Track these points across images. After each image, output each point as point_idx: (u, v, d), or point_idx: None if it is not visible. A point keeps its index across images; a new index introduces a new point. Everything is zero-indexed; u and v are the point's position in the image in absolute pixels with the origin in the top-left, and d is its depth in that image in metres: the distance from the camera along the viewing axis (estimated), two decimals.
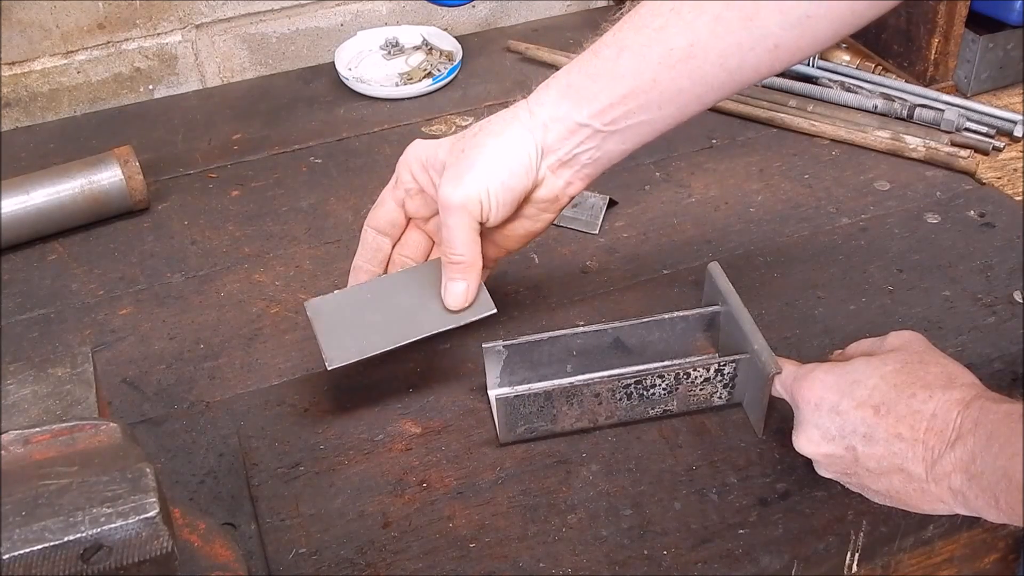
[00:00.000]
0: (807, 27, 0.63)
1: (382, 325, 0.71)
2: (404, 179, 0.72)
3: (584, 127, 0.67)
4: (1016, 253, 0.88)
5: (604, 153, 0.69)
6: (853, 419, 0.61)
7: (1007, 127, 1.06)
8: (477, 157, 0.67)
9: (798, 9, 0.62)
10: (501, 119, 0.68)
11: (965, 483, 0.56)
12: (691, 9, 0.64)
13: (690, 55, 0.64)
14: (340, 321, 0.72)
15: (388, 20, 1.26)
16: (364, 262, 0.75)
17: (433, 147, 0.71)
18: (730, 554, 0.65)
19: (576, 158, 0.69)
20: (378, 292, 0.73)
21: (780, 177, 1.00)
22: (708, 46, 0.64)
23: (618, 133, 0.67)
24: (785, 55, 0.64)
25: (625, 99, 0.66)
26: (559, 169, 0.69)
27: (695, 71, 0.65)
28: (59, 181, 0.93)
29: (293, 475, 0.71)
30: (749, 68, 0.65)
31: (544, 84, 0.69)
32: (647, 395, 0.72)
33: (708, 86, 0.66)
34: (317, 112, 1.14)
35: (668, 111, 0.67)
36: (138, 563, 0.45)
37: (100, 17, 1.12)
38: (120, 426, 0.50)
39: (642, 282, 0.87)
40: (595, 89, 0.66)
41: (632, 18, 0.66)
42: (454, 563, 0.65)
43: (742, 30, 0.63)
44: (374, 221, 0.75)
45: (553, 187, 0.70)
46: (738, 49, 0.64)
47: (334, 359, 0.70)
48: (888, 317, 0.82)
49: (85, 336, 0.84)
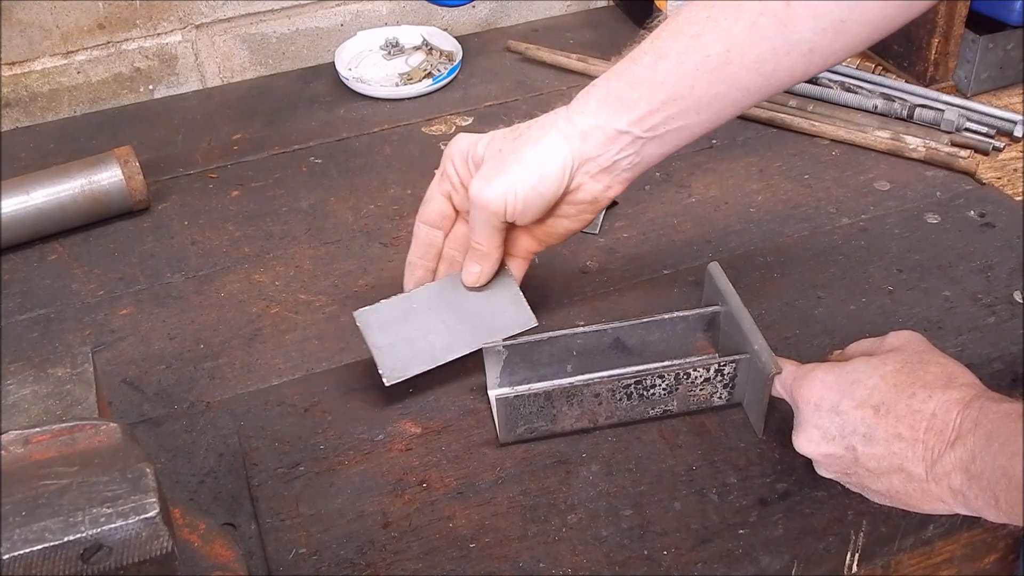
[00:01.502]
0: (841, 31, 0.64)
1: (432, 337, 0.75)
2: (448, 172, 0.75)
3: (624, 134, 0.69)
4: (1016, 253, 0.88)
5: (643, 158, 0.70)
6: (853, 419, 0.61)
7: (1007, 127, 1.06)
8: (511, 162, 0.69)
9: (832, 14, 0.64)
10: (540, 126, 0.71)
11: (965, 483, 0.56)
12: (727, 16, 0.65)
13: (727, 61, 0.66)
14: (391, 333, 0.74)
15: (388, 20, 1.26)
16: (418, 258, 0.78)
17: (474, 140, 0.73)
18: (730, 554, 0.65)
19: (616, 164, 0.70)
20: (424, 301, 0.76)
21: (780, 177, 1.00)
22: (744, 52, 0.65)
23: (657, 139, 0.69)
24: (819, 59, 0.66)
25: (664, 105, 0.68)
26: (598, 174, 0.71)
27: (731, 76, 0.66)
28: (59, 181, 0.93)
29: (293, 475, 0.71)
30: (784, 72, 0.67)
31: (584, 92, 0.71)
32: (647, 395, 0.72)
33: (744, 90, 0.67)
34: (317, 112, 1.14)
35: (705, 116, 0.69)
36: (138, 563, 0.45)
37: (100, 17, 1.12)
38: (120, 426, 0.50)
39: (642, 282, 0.87)
40: (634, 97, 0.68)
41: (669, 26, 0.68)
42: (454, 563, 0.65)
43: (777, 36, 0.65)
44: (424, 216, 0.77)
45: (592, 191, 0.71)
46: (773, 54, 0.65)
47: (391, 376, 0.73)
48: (888, 317, 0.82)
49: (85, 336, 0.84)
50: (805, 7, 0.64)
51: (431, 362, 0.74)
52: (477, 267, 0.74)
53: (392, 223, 0.96)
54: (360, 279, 0.89)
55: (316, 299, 0.87)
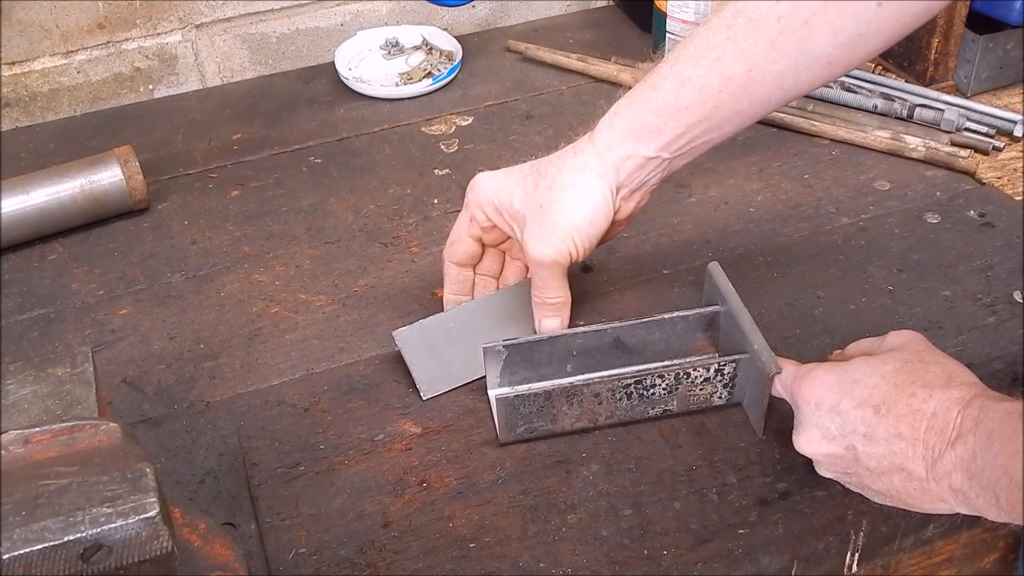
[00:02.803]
0: (859, 44, 0.66)
1: (468, 354, 0.76)
2: (479, 218, 0.76)
3: (652, 159, 0.71)
4: (1016, 253, 0.88)
5: (670, 171, 0.74)
6: (853, 419, 0.61)
7: (1007, 127, 1.06)
8: (559, 214, 0.71)
9: (849, 29, 0.65)
10: (571, 169, 0.72)
11: (965, 482, 0.56)
12: (746, 37, 0.67)
13: (749, 80, 0.67)
14: (428, 350, 0.77)
15: (388, 20, 1.26)
16: (454, 294, 0.80)
17: (506, 192, 0.74)
18: (730, 554, 0.65)
19: (646, 184, 0.74)
20: (461, 320, 0.78)
21: (780, 177, 1.00)
22: (765, 70, 0.67)
23: (682, 156, 0.72)
24: (838, 68, 0.68)
25: (690, 129, 0.70)
26: (630, 196, 0.74)
27: (753, 94, 0.68)
28: (59, 181, 0.93)
29: (293, 475, 0.71)
30: (804, 84, 0.69)
31: (607, 123, 0.72)
32: (647, 395, 0.72)
33: (765, 104, 0.70)
34: (317, 112, 1.14)
35: (727, 130, 0.71)
36: (138, 563, 0.45)
37: (100, 17, 1.12)
38: (120, 426, 0.50)
39: (642, 282, 0.87)
40: (659, 124, 0.70)
41: (688, 50, 0.69)
42: (454, 563, 0.65)
43: (797, 53, 0.66)
44: (455, 258, 0.79)
45: (628, 209, 0.75)
46: (794, 70, 0.67)
47: (427, 390, 0.76)
48: (888, 317, 0.82)
49: (85, 336, 0.84)
50: (823, 24, 0.65)
51: (467, 377, 0.76)
52: (557, 319, 0.76)
53: (392, 223, 0.96)
54: (360, 279, 0.89)
55: (316, 299, 0.87)
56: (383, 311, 0.85)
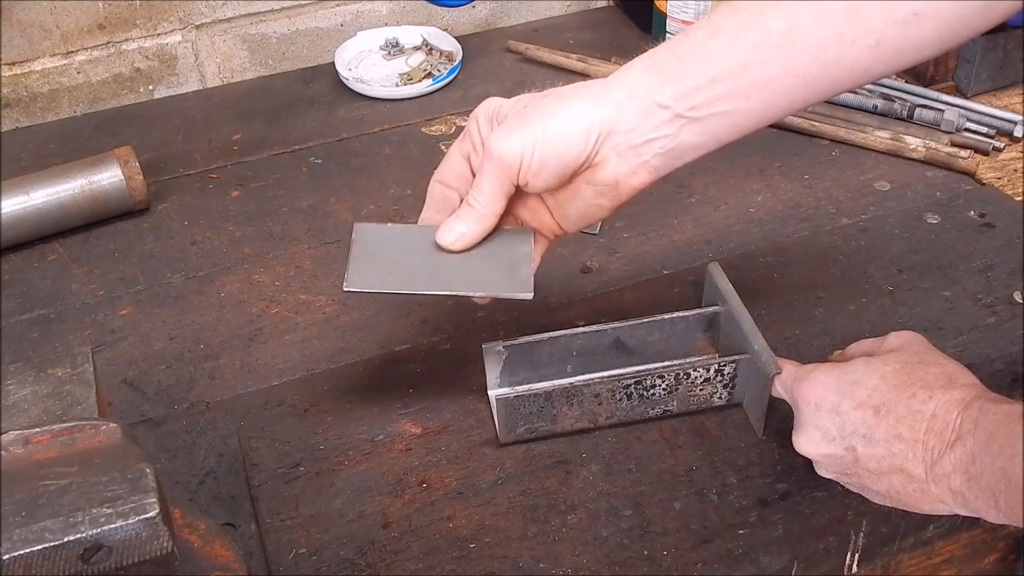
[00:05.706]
0: (913, 26, 0.60)
1: (415, 270, 0.68)
2: (471, 131, 0.68)
3: (664, 109, 0.63)
4: (1016, 253, 0.88)
5: (678, 144, 0.64)
6: (853, 419, 0.61)
7: (1007, 127, 1.06)
8: (534, 115, 0.64)
9: (906, 7, 0.60)
10: (572, 87, 0.65)
11: (965, 483, 0.56)
12: None
13: (787, 41, 0.60)
14: (378, 252, 0.69)
15: (388, 20, 1.26)
16: (434, 213, 0.70)
17: (502, 101, 0.68)
18: (730, 554, 0.65)
19: (648, 144, 0.64)
20: (425, 238, 0.69)
21: (780, 177, 1.00)
22: (807, 33, 0.60)
23: (698, 122, 0.63)
24: (884, 56, 0.61)
25: (713, 83, 0.62)
26: (626, 151, 0.64)
27: (789, 59, 0.61)
28: (59, 181, 0.93)
29: (293, 475, 0.71)
30: (845, 65, 0.61)
31: (628, 63, 0.65)
32: (647, 395, 0.72)
33: (800, 78, 0.62)
34: (317, 112, 1.14)
35: (753, 104, 0.63)
36: (138, 563, 0.45)
37: (100, 17, 1.12)
38: (120, 426, 0.50)
39: (642, 282, 0.87)
40: (682, 69, 0.62)
41: (729, 2, 0.63)
42: (454, 563, 0.65)
43: (845, 21, 0.60)
44: (440, 175, 0.70)
45: (615, 171, 0.65)
46: (838, 40, 0.60)
47: (352, 283, 0.67)
48: (888, 317, 0.82)
49: (85, 336, 0.84)
50: None
51: (402, 288, 0.68)
52: (463, 227, 0.67)
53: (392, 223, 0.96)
54: None
55: (316, 299, 0.87)
56: (383, 311, 0.85)
